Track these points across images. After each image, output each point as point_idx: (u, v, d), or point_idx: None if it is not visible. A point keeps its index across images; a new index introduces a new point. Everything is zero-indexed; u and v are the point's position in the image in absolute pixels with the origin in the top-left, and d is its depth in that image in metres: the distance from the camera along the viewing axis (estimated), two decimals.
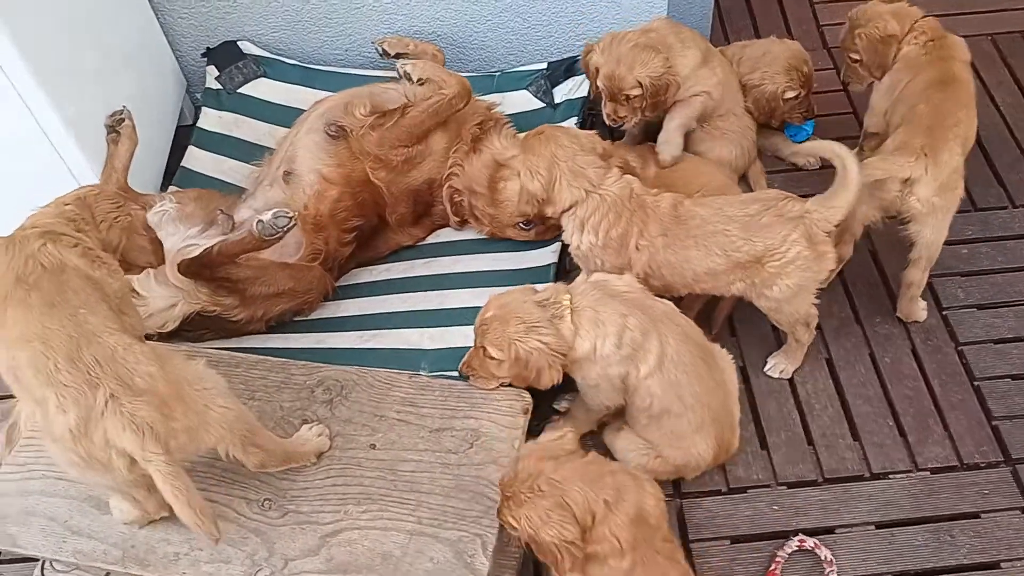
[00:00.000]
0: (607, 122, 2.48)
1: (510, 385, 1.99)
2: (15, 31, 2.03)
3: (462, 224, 2.59)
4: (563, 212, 2.13)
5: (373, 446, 1.93)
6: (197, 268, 2.20)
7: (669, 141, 2.51)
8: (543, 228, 2.47)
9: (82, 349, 1.53)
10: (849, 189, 2.03)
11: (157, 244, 1.95)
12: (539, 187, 2.11)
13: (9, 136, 2.21)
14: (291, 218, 2.14)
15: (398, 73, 2.54)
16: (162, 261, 2.00)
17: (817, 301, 2.18)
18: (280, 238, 2.17)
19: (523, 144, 2.19)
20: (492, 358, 1.93)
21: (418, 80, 2.51)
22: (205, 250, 2.21)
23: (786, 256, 2.03)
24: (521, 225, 2.47)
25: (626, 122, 2.46)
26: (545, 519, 1.62)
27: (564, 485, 1.63)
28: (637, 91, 2.38)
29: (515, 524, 1.65)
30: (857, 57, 2.50)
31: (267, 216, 2.14)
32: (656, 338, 1.92)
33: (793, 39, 3.12)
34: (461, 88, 2.47)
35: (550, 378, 1.92)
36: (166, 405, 1.54)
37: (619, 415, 2.12)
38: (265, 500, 1.84)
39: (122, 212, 1.81)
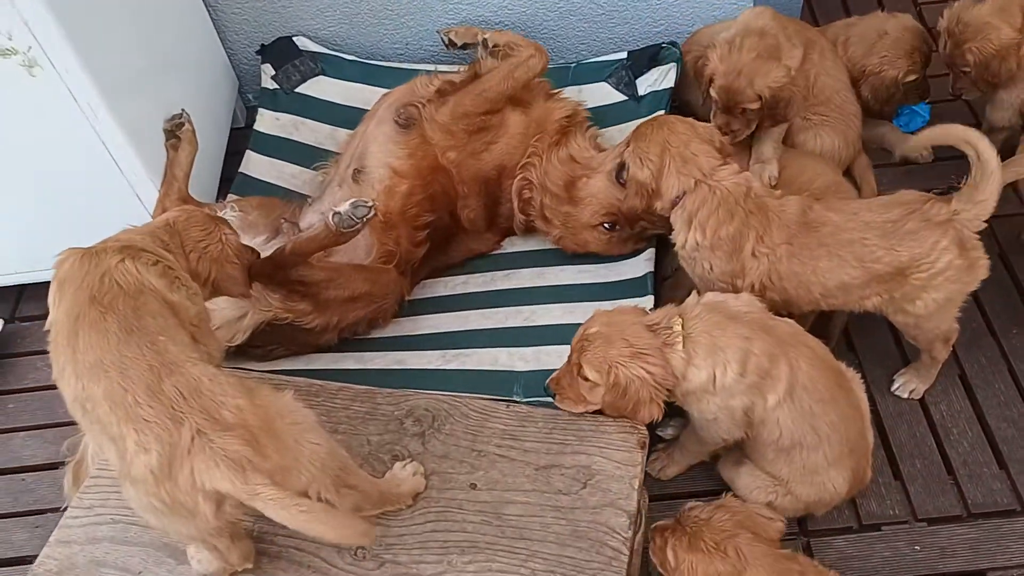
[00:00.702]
0: (721, 136, 2.25)
1: (600, 412, 1.78)
2: (74, 35, 1.87)
3: (527, 226, 2.38)
4: (672, 206, 1.91)
5: (474, 486, 1.72)
6: (269, 270, 2.02)
7: (766, 161, 2.26)
8: (628, 235, 2.25)
9: (163, 380, 1.40)
10: (993, 178, 1.78)
11: (248, 271, 1.80)
12: (648, 175, 1.91)
13: (65, 145, 2.05)
14: (370, 207, 1.97)
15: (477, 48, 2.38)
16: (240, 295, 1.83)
17: (959, 315, 1.94)
18: (359, 230, 1.99)
19: (636, 133, 2.00)
20: (587, 379, 1.72)
21: (493, 46, 2.34)
22: (277, 249, 2.04)
23: (935, 267, 1.80)
24: (605, 225, 2.25)
25: (738, 136, 2.23)
26: None
27: (749, 567, 1.46)
28: (756, 104, 2.15)
29: (672, 563, 1.50)
30: (968, 70, 2.23)
31: (344, 207, 1.96)
32: (785, 363, 1.69)
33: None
34: (537, 50, 2.29)
35: (649, 413, 1.71)
36: (257, 441, 1.39)
37: (736, 444, 1.90)
38: (359, 549, 1.65)
39: (212, 240, 1.68)
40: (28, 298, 2.59)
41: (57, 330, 1.48)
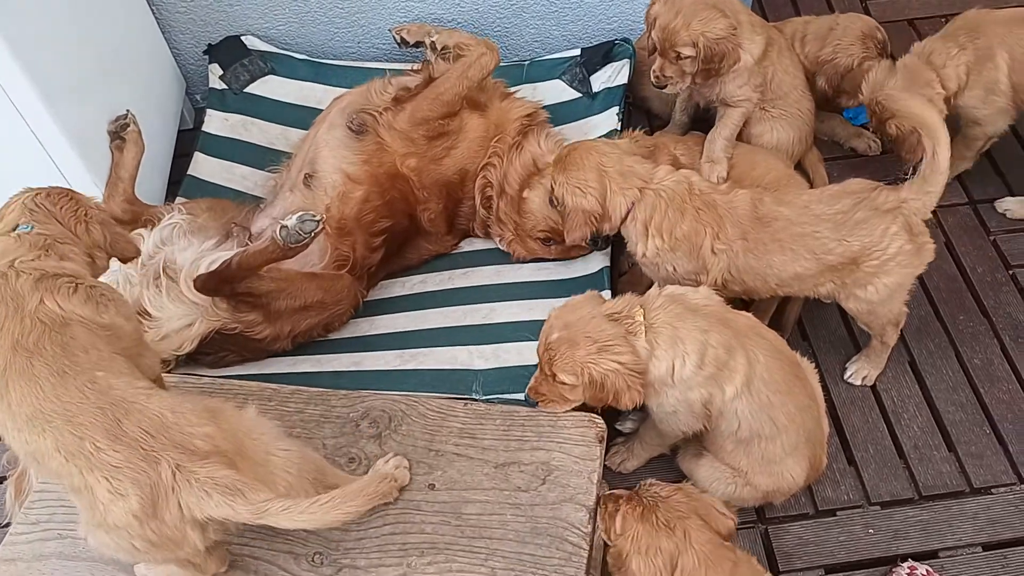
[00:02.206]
0: (652, 80, 2.25)
1: (584, 408, 1.78)
2: (11, 37, 1.79)
3: (486, 226, 2.36)
4: (622, 222, 1.92)
5: (432, 486, 1.71)
6: (215, 283, 1.97)
7: (716, 160, 2.27)
8: (562, 248, 2.25)
9: (121, 422, 1.33)
10: (942, 172, 1.83)
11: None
12: (594, 202, 1.91)
13: (2, 148, 1.97)
14: (318, 222, 1.92)
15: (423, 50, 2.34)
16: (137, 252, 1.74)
17: (908, 302, 1.98)
18: (307, 245, 1.95)
19: (560, 165, 1.98)
20: (563, 383, 1.71)
21: (442, 49, 2.30)
22: (223, 263, 1.98)
23: (886, 253, 1.84)
24: (545, 240, 2.26)
25: (670, 84, 2.22)
26: (651, 553, 1.48)
27: (690, 549, 1.48)
28: (689, 51, 2.13)
29: (618, 529, 1.53)
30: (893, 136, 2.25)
31: (291, 221, 1.91)
32: (743, 355, 1.71)
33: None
34: (488, 48, 2.26)
35: (630, 399, 1.70)
36: (233, 464, 1.36)
37: (695, 436, 1.91)
38: (315, 555, 1.62)
39: (81, 206, 1.56)
40: None
41: None
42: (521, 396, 1.94)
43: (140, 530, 1.31)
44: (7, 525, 1.72)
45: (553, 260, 2.32)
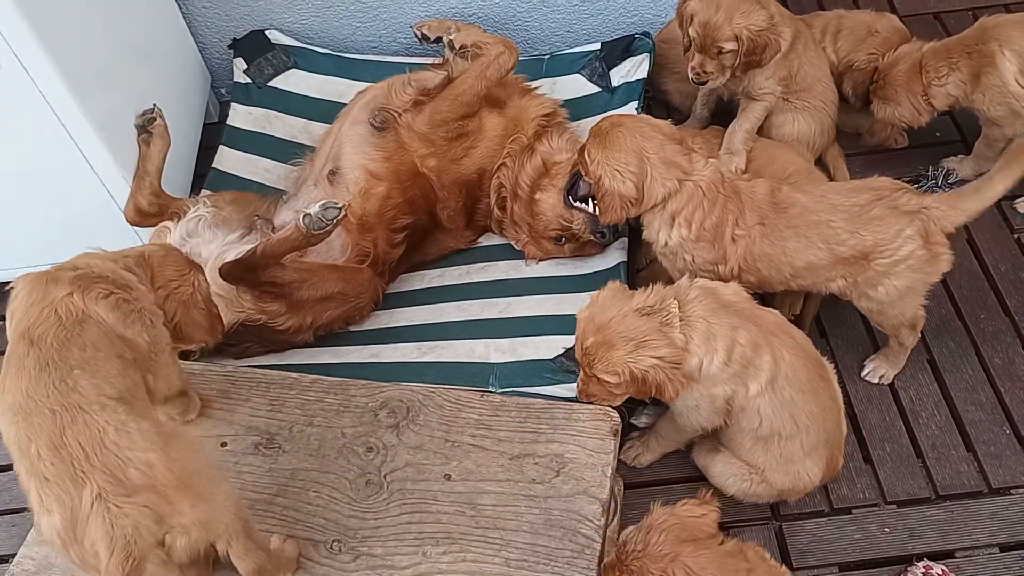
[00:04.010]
0: (690, 76, 2.23)
1: (630, 401, 1.76)
2: (39, 27, 1.82)
3: (502, 224, 2.38)
4: (648, 209, 1.91)
5: (448, 476, 1.73)
6: (240, 272, 2.01)
7: (735, 152, 2.27)
8: (577, 246, 2.26)
9: (66, 430, 1.29)
10: (986, 200, 1.82)
11: (215, 319, 1.74)
12: (632, 187, 1.87)
13: (33, 141, 2.02)
14: (340, 209, 1.95)
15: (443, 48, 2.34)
16: (217, 337, 1.78)
17: (925, 303, 1.97)
18: (329, 232, 1.98)
19: (599, 142, 1.91)
20: (607, 382, 1.71)
21: (460, 48, 2.31)
22: (248, 251, 2.02)
23: (897, 254, 1.82)
24: (556, 239, 2.26)
25: (711, 79, 2.20)
26: None
27: None
28: (732, 44, 2.11)
29: None
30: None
31: (315, 208, 1.94)
32: (769, 353, 1.70)
33: (860, 8, 2.89)
34: (506, 46, 2.26)
35: (673, 391, 1.69)
36: (167, 501, 1.30)
37: (712, 432, 1.92)
38: (334, 542, 1.66)
39: (185, 283, 1.61)
40: None
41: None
42: (536, 389, 1.96)
43: (64, 550, 1.29)
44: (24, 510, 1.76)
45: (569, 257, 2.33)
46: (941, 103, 2.32)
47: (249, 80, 2.69)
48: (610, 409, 1.80)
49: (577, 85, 2.64)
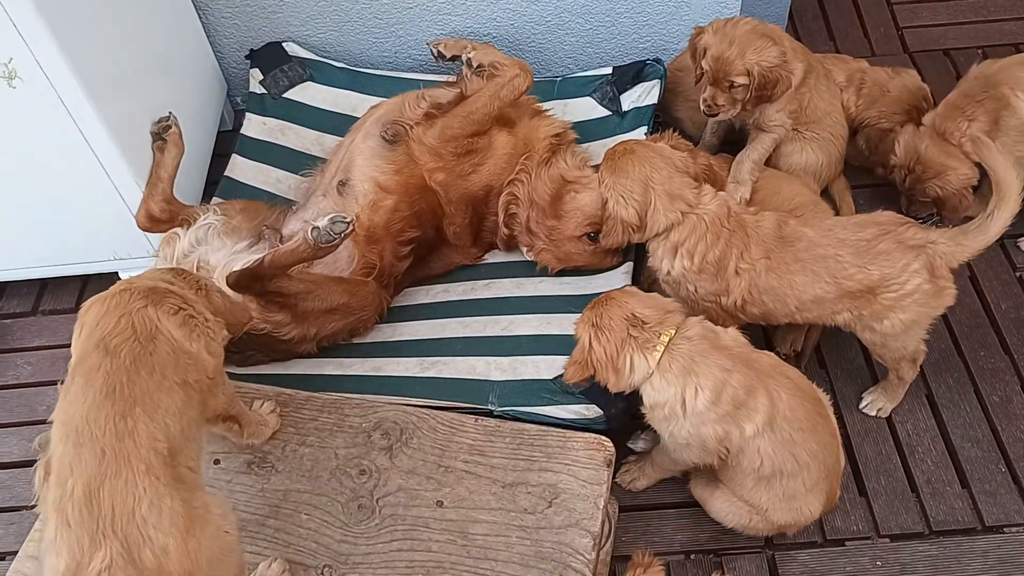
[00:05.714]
0: (702, 108, 2.27)
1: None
2: (62, 37, 1.86)
3: (510, 240, 2.40)
4: (652, 237, 1.93)
5: (440, 503, 1.73)
6: (247, 281, 2.03)
7: (741, 182, 2.29)
8: (600, 250, 2.27)
9: (105, 483, 1.26)
10: (989, 236, 1.83)
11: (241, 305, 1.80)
12: (634, 214, 1.91)
13: (50, 146, 2.05)
14: (349, 223, 1.97)
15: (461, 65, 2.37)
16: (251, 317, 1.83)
17: (927, 337, 1.98)
18: (337, 245, 2.00)
19: (611, 166, 1.96)
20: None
21: (477, 67, 2.34)
22: (255, 261, 2.05)
23: (904, 288, 1.84)
24: (590, 235, 2.26)
25: (722, 112, 2.23)
26: None
27: None
28: (744, 79, 2.15)
29: None
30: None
31: (323, 222, 1.97)
32: (765, 395, 1.71)
33: (871, 42, 2.99)
34: (521, 69, 2.29)
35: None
36: None
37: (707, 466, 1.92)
38: (324, 567, 1.66)
39: (201, 281, 1.62)
40: (9, 295, 2.61)
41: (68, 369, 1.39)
42: (535, 409, 1.97)
43: None
44: (35, 506, 1.78)
45: (574, 275, 2.34)
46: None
47: (264, 91, 2.73)
48: (604, 438, 1.81)
49: (587, 108, 2.67)
